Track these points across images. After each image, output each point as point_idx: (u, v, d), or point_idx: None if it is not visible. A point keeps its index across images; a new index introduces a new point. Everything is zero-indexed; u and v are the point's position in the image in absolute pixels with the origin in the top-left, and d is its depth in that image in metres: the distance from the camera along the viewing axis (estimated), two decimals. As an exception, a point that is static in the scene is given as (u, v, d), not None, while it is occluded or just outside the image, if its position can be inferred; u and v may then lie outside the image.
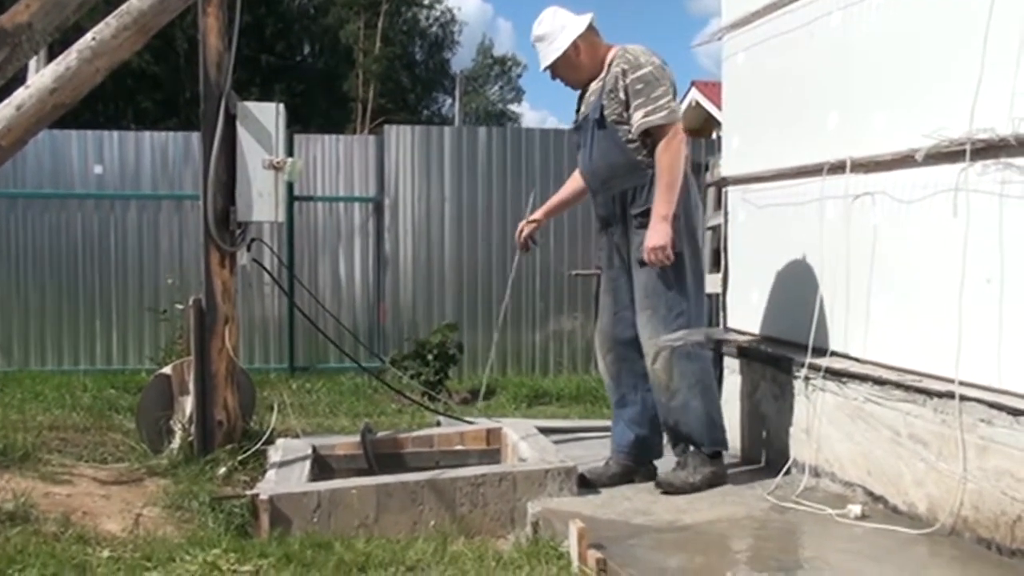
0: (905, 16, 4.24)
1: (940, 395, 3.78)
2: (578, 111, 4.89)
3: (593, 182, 4.80)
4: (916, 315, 4.11)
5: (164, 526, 4.24)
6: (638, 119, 4.47)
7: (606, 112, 4.58)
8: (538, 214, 5.23)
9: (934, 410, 3.82)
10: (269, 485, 4.46)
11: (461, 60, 42.22)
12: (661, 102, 4.46)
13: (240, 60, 5.37)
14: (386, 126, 10.86)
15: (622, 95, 4.53)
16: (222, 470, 4.94)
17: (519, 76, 53.70)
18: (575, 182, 5.08)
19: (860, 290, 4.47)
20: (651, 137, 4.49)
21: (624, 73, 4.52)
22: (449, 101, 43.35)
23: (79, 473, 4.79)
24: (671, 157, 4.43)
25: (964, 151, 3.74)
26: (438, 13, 42.91)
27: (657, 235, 4.38)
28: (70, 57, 4.25)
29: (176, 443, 5.26)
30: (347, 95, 35.98)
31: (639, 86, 4.48)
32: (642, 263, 4.51)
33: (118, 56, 4.42)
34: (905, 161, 4.10)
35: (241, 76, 4.77)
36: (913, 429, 3.95)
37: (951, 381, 3.73)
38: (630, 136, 4.54)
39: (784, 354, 4.94)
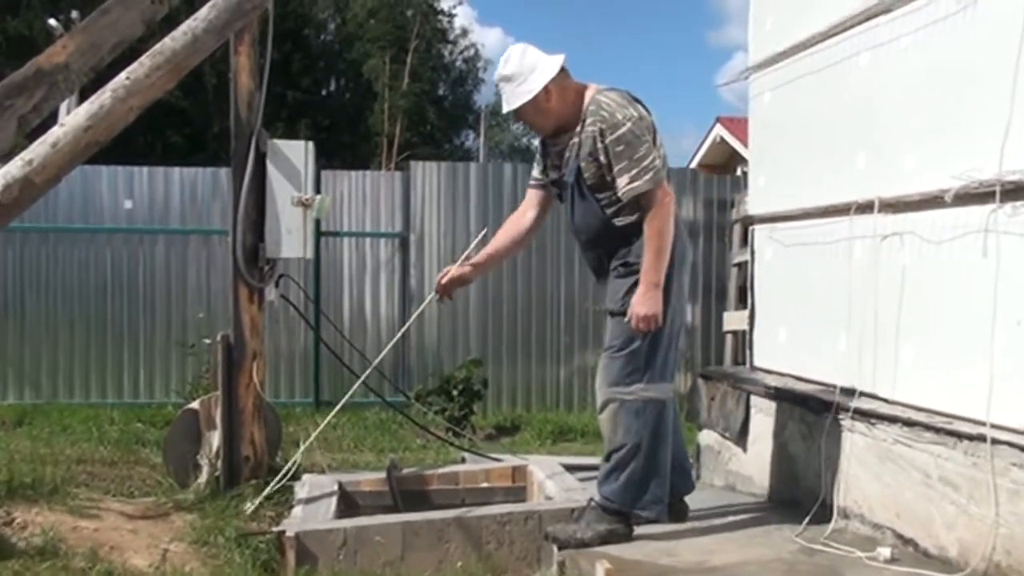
0: (934, 57, 4.25)
1: (971, 438, 3.75)
2: (545, 156, 4.59)
3: (578, 239, 4.59)
4: (946, 357, 4.09)
5: (191, 562, 4.25)
6: (623, 185, 4.19)
7: (585, 176, 4.31)
8: (468, 269, 4.85)
9: (965, 453, 3.79)
10: (295, 522, 4.47)
11: (486, 95, 42.39)
12: (645, 163, 4.16)
13: (267, 96, 5.43)
14: (412, 162, 10.95)
15: (602, 157, 4.23)
16: (248, 505, 4.95)
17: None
18: (514, 231, 4.78)
19: (889, 331, 4.45)
20: (639, 200, 4.23)
21: (602, 133, 4.20)
22: (473, 135, 43.59)
23: (106, 507, 4.81)
24: (660, 222, 4.18)
25: (994, 192, 3.73)
26: (462, 48, 43.26)
27: (646, 304, 4.17)
28: (104, 95, 4.30)
29: (203, 478, 5.29)
30: (372, 130, 36.22)
31: (619, 148, 4.18)
32: (612, 313, 4.36)
33: (151, 95, 4.47)
34: (934, 202, 4.09)
35: (267, 111, 4.80)
36: (944, 472, 3.91)
37: (982, 424, 3.70)
38: (612, 198, 4.29)
39: (813, 394, 4.91)
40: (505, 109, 4.42)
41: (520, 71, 4.27)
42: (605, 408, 4.36)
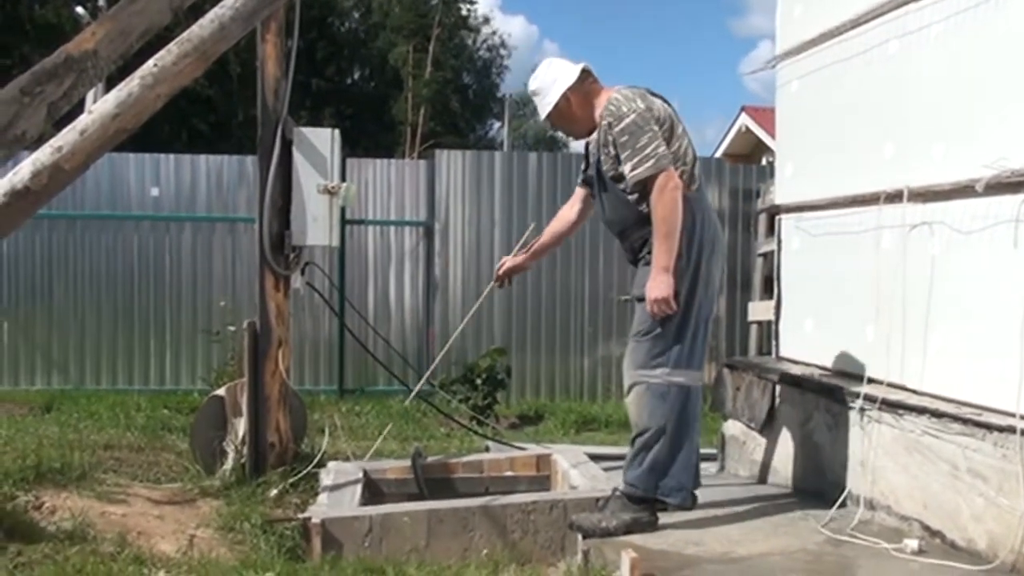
0: (964, 45, 4.20)
1: (1000, 429, 3.72)
2: (586, 159, 4.76)
3: (612, 231, 4.70)
4: (975, 347, 4.05)
5: (217, 547, 4.28)
6: (627, 173, 4.30)
7: (604, 169, 4.47)
8: (522, 258, 5.13)
9: (994, 444, 3.76)
10: (321, 509, 4.49)
11: (511, 84, 42.26)
12: (647, 151, 4.25)
13: (292, 84, 5.44)
14: (437, 151, 10.94)
15: (612, 149, 4.38)
16: (274, 492, 4.98)
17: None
18: (559, 223, 5.03)
19: (917, 321, 4.42)
20: (646, 187, 4.29)
21: (610, 126, 4.36)
22: (497, 125, 43.52)
23: (134, 493, 4.85)
24: (664, 207, 4.22)
25: (1026, 182, 3.70)
26: (485, 37, 43.17)
27: (658, 287, 4.20)
28: (132, 83, 4.31)
29: (229, 464, 5.31)
30: (396, 119, 36.23)
31: (624, 138, 4.30)
32: (640, 299, 4.38)
33: (178, 82, 4.48)
34: (964, 191, 4.06)
35: (292, 100, 4.79)
36: (972, 463, 3.88)
37: (1012, 415, 3.67)
38: (630, 189, 4.37)
39: (839, 384, 4.88)
40: (541, 120, 4.75)
41: (544, 85, 4.55)
42: (631, 391, 4.40)
